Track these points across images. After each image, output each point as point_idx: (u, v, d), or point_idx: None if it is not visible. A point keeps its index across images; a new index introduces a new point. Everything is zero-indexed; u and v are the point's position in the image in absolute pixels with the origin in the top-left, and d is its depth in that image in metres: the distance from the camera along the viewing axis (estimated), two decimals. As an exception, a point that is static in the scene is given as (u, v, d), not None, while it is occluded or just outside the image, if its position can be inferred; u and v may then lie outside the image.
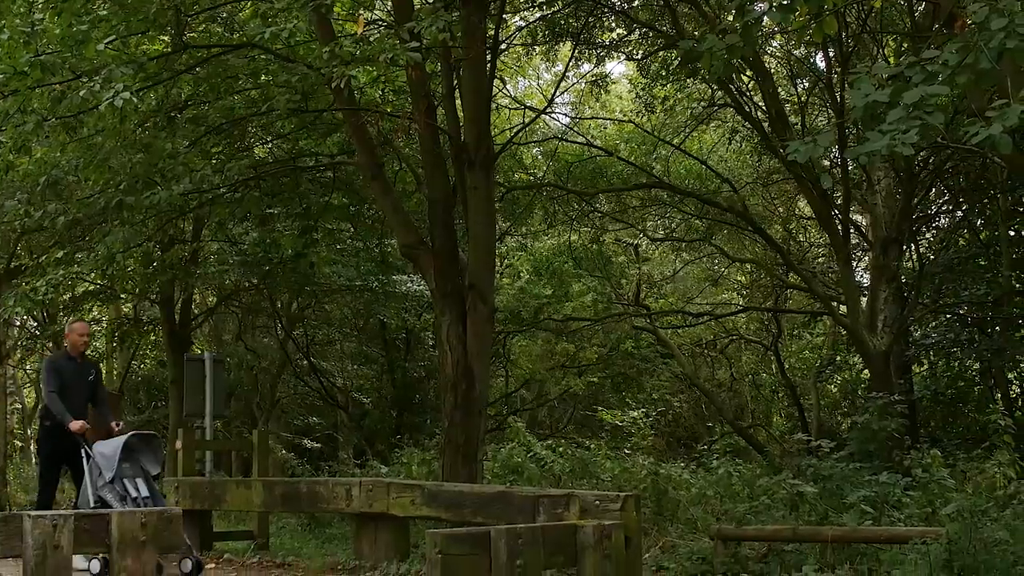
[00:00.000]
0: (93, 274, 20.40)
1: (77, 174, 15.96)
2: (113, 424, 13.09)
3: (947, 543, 10.16)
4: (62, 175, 16.23)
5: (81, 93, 12.00)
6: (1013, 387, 23.19)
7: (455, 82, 16.42)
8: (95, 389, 13.43)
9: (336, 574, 12.53)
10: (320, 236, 21.69)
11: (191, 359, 18.88)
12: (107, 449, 12.01)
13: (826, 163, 22.27)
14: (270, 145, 20.86)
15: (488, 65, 16.29)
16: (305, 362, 27.96)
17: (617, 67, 46.69)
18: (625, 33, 22.25)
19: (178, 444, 16.45)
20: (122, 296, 25.81)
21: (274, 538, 16.08)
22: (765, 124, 20.87)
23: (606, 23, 21.83)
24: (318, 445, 28.48)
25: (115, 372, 32.13)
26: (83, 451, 12.27)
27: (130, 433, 12.29)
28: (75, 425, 12.59)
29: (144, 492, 11.88)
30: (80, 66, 12.80)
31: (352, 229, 23.13)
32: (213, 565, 13.51)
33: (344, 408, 28.42)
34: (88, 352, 14.39)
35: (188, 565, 11.28)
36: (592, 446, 20.20)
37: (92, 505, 11.82)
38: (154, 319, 27.00)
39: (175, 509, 12.33)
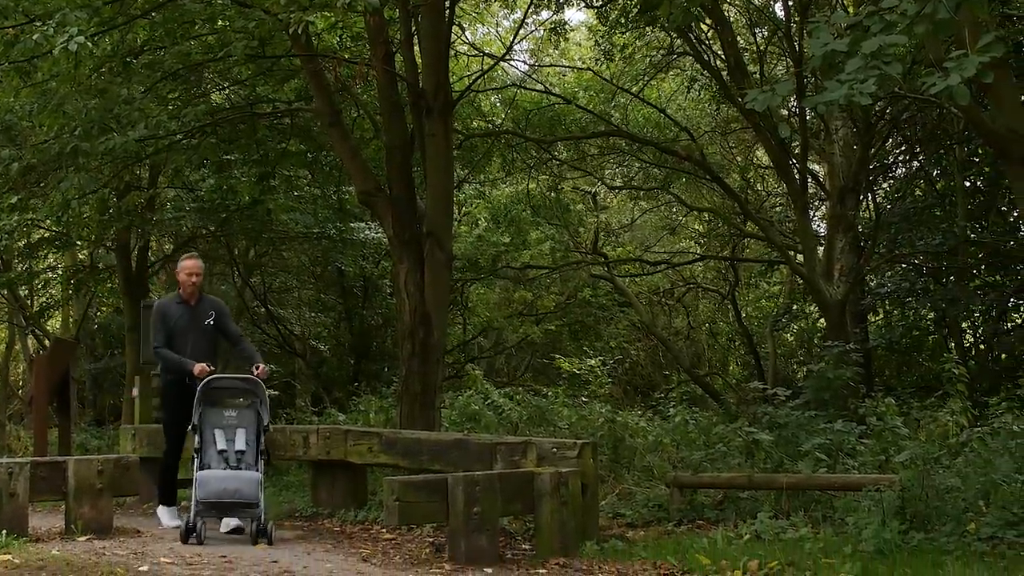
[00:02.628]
0: (48, 221, 20.21)
1: (31, 120, 15.78)
2: (253, 367, 11.27)
3: (900, 490, 10.25)
4: (16, 120, 16.05)
5: (35, 37, 11.81)
6: (967, 336, 23.39)
7: (413, 28, 16.34)
8: (223, 330, 11.82)
9: (294, 521, 12.53)
10: (277, 183, 21.57)
11: (148, 306, 18.78)
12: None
13: (784, 112, 22.30)
14: (227, 91, 20.68)
15: (447, 11, 16.21)
16: (262, 309, 27.86)
17: (576, 15, 46.51)
18: (584, -20, 22.17)
19: (135, 391, 16.39)
20: (78, 243, 25.56)
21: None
22: (724, 73, 20.86)
23: (565, -31, 21.73)
24: (276, 392, 28.41)
25: (71, 320, 31.94)
26: (196, 399, 10.96)
27: (210, 377, 10.99)
28: (196, 368, 11.15)
29: (240, 445, 10.73)
30: (33, 10, 12.64)
31: (310, 176, 23.00)
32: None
33: (302, 356, 28.36)
34: (204, 289, 12.41)
35: (253, 531, 10.45)
36: (549, 394, 20.25)
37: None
38: (110, 266, 26.78)
39: (132, 456, 12.32)
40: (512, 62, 27.22)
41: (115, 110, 15.03)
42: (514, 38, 23.57)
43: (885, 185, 25.94)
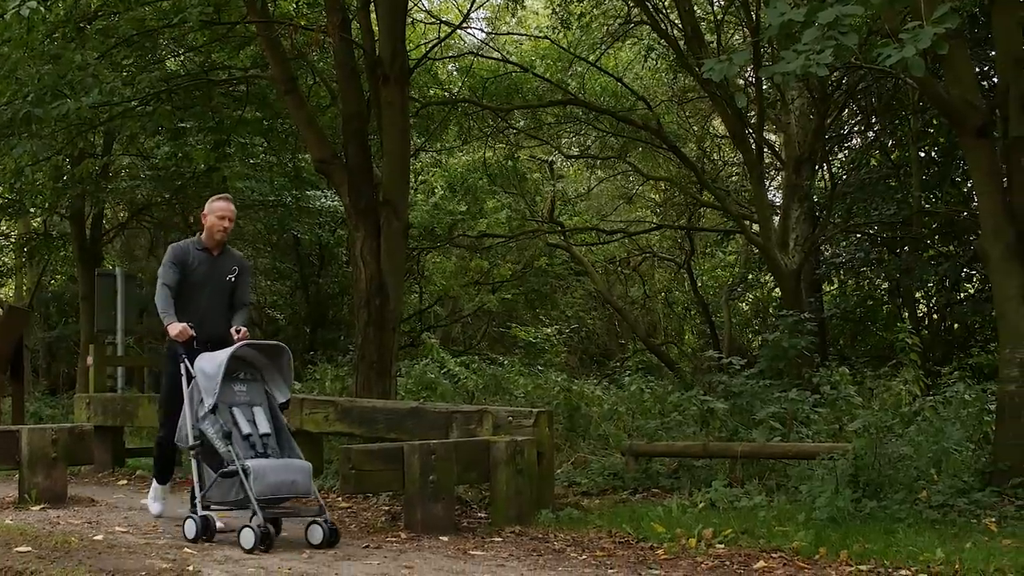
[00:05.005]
0: (1, 187, 20.07)
1: (-18, 85, 15.65)
2: (233, 329, 9.69)
3: (853, 458, 10.33)
4: (-33, 86, 15.90)
5: (-13, 2, 11.74)
6: (920, 306, 23.54)
7: (370, -5, 16.26)
8: (236, 289, 10.02)
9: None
10: (233, 150, 21.48)
11: (102, 274, 18.68)
12: (209, 365, 9.01)
13: (741, 82, 22.34)
14: (182, 58, 20.55)
15: (403, -22, 16.14)
16: (218, 278, 27.74)
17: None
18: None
19: (89, 360, 16.30)
20: (31, 210, 25.40)
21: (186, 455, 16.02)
22: (681, 42, 20.82)
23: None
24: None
25: (25, 288, 31.75)
26: (183, 367, 9.31)
27: (242, 342, 9.26)
28: (173, 328, 9.40)
29: (264, 427, 8.96)
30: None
31: (265, 144, 22.89)
32: (125, 482, 13.45)
33: (258, 324, 28.28)
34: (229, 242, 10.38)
35: (318, 534, 8.54)
36: (505, 362, 20.31)
37: (190, 443, 8.98)
38: (64, 234, 26.65)
39: (86, 425, 12.28)
40: (469, 30, 27.25)
41: (68, 76, 14.90)
42: (471, 6, 23.52)
43: (840, 155, 26.05)
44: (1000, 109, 11.60)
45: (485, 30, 29.34)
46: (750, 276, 28.46)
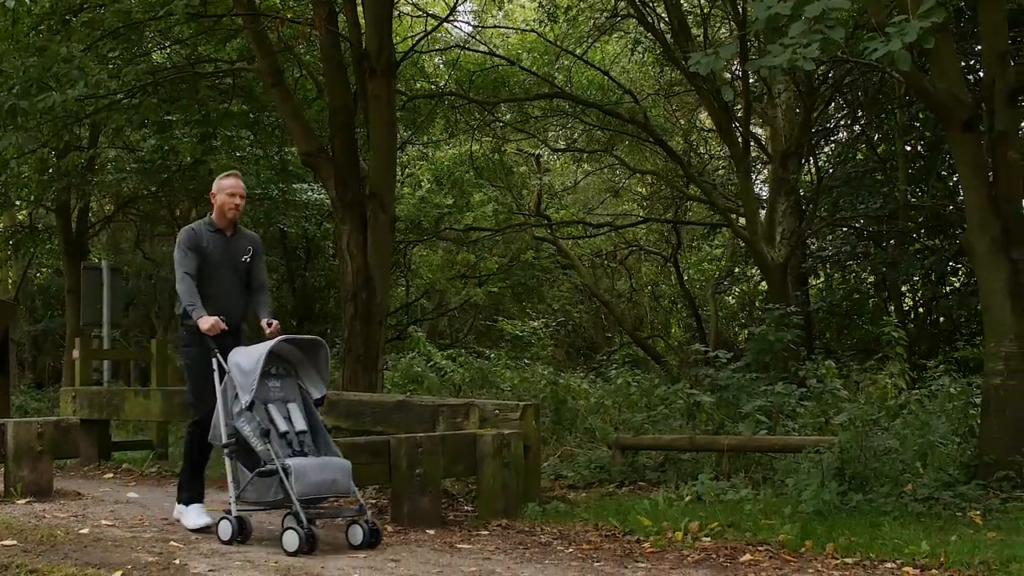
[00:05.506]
0: (-14, 180, 20.04)
1: (-32, 78, 15.60)
2: (264, 322, 9.32)
3: (839, 451, 10.37)
4: (-48, 78, 15.84)
5: (-30, -5, 11.69)
6: (906, 299, 23.61)
7: (357, -12, 16.23)
8: (251, 270, 9.53)
9: (235, 483, 12.48)
10: (219, 143, 21.41)
11: (88, 268, 18.66)
12: (245, 360, 8.59)
13: (728, 76, 22.36)
14: (168, 50, 20.50)
15: (390, -28, 16.11)
16: (204, 271, 27.70)
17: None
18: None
19: (75, 353, 16.27)
20: (16, 203, 25.34)
21: (173, 448, 15.98)
22: (668, 35, 20.85)
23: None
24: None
25: (10, 281, 31.67)
26: (215, 362, 8.84)
27: (280, 337, 8.85)
28: (204, 323, 8.86)
29: (300, 425, 8.61)
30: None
31: (252, 137, 22.84)
32: (111, 475, 13.42)
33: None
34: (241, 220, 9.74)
35: (358, 535, 8.23)
36: (492, 356, 20.30)
37: (224, 441, 8.53)
38: (50, 227, 26.59)
39: (72, 418, 12.25)
40: (456, 23, 27.15)
41: (54, 68, 14.86)
42: (458, -1, 23.49)
43: (827, 149, 26.10)
44: (986, 103, 11.63)
45: (472, 23, 29.29)
46: (736, 270, 28.51)
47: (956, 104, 11.03)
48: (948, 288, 22.54)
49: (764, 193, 25.10)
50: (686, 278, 29.51)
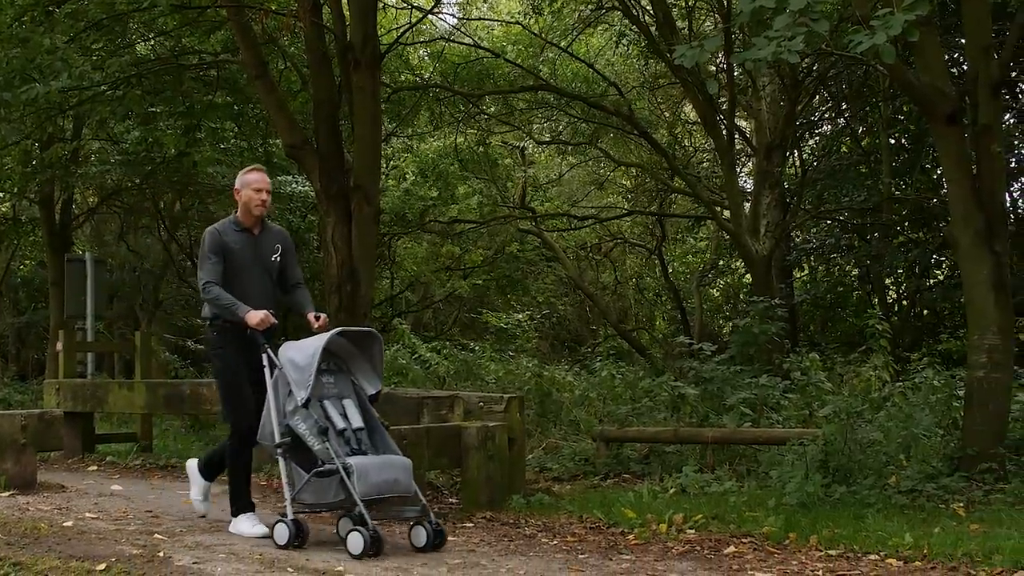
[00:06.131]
0: (-31, 172, 19.97)
1: (-50, 69, 15.55)
2: (311, 316, 8.87)
3: (823, 444, 10.39)
4: (-66, 70, 15.79)
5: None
6: (890, 292, 23.66)
7: (341, -20, 16.20)
8: (285, 268, 9.04)
9: (220, 476, 12.47)
10: (203, 135, 21.37)
11: (72, 260, 18.61)
12: (299, 355, 8.24)
13: (712, 68, 22.36)
14: (152, 42, 20.46)
15: (375, -37, 16.09)
16: (188, 263, 27.65)
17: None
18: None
19: (59, 346, 16.23)
20: (0, 195, 25.28)
21: (157, 440, 16.00)
22: (652, 28, 20.84)
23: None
24: (201, 347, 28.26)
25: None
26: (265, 357, 8.45)
27: (336, 330, 8.48)
28: (253, 317, 8.46)
29: (357, 421, 8.24)
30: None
31: (236, 128, 22.80)
32: (95, 468, 13.40)
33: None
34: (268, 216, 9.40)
35: (422, 536, 7.96)
36: (477, 348, 20.28)
37: (278, 440, 8.16)
38: (33, 219, 26.51)
39: (56, 411, 12.22)
40: (441, 15, 27.14)
41: (37, 60, 14.84)
42: (443, -9, 23.47)
43: (811, 142, 26.14)
44: (970, 96, 11.67)
45: (456, 15, 29.30)
46: (721, 262, 28.54)
47: (940, 97, 11.06)
48: (932, 281, 22.60)
49: (749, 186, 25.11)
50: (671, 271, 29.53)
